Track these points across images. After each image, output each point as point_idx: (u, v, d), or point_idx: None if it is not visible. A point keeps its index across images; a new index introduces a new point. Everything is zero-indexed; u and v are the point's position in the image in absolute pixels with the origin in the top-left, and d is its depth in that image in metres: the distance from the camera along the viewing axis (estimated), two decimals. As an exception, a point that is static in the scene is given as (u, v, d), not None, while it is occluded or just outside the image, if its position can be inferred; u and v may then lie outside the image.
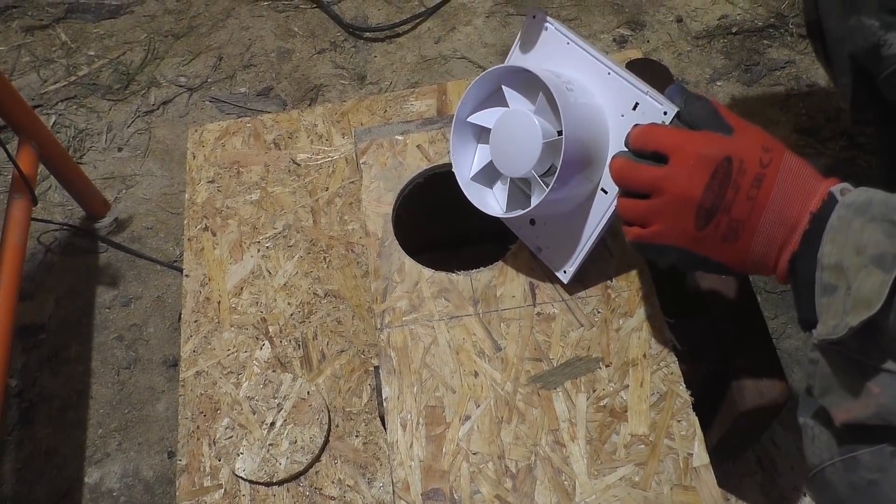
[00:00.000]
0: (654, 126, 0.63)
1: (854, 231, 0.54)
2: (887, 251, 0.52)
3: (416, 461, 0.71)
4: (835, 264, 0.55)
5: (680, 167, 0.60)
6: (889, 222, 0.52)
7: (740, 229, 0.59)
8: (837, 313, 0.54)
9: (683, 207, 0.61)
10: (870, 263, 0.53)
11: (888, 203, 0.54)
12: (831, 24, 0.79)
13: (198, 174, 1.01)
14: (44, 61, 1.59)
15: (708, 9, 1.55)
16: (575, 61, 0.73)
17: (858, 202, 0.55)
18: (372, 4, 1.64)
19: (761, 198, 0.59)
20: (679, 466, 0.69)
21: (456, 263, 0.86)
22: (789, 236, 0.58)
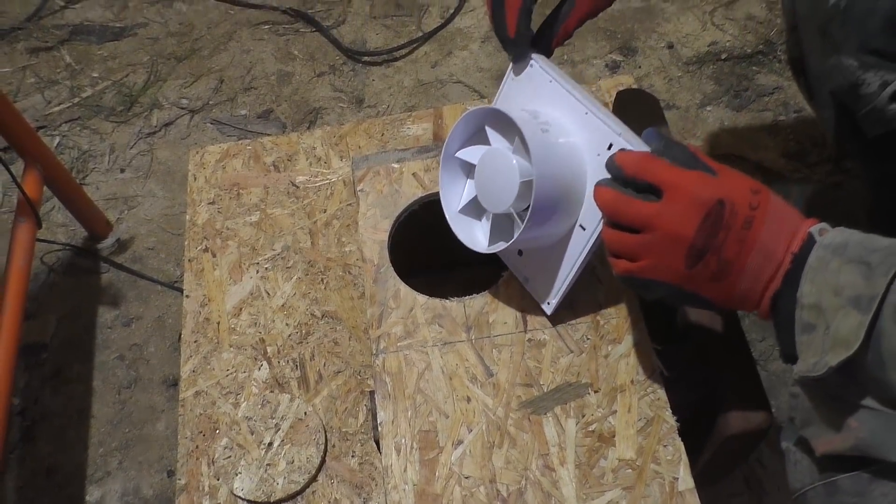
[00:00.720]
0: (651, 157, 0.63)
1: (832, 272, 0.55)
2: (863, 293, 0.53)
3: (409, 485, 0.72)
4: (814, 304, 0.56)
5: (675, 205, 0.61)
6: (865, 264, 0.54)
7: (729, 269, 0.60)
8: (817, 351, 0.55)
9: (675, 246, 0.61)
10: (847, 304, 0.54)
11: (864, 244, 0.55)
12: (813, 62, 0.81)
13: (198, 195, 1.02)
14: (48, 83, 1.60)
15: (698, 35, 1.56)
16: (557, 99, 0.75)
17: (836, 243, 0.57)
18: (370, 29, 1.65)
19: (750, 239, 0.60)
20: (665, 490, 0.70)
21: (450, 286, 0.86)
22: (773, 275, 0.59)
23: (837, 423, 0.57)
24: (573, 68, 1.51)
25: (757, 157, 1.36)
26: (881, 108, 0.76)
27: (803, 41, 0.81)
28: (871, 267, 0.54)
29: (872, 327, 0.52)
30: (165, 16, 1.72)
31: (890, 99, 0.74)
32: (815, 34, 0.79)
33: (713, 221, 0.59)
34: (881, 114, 0.76)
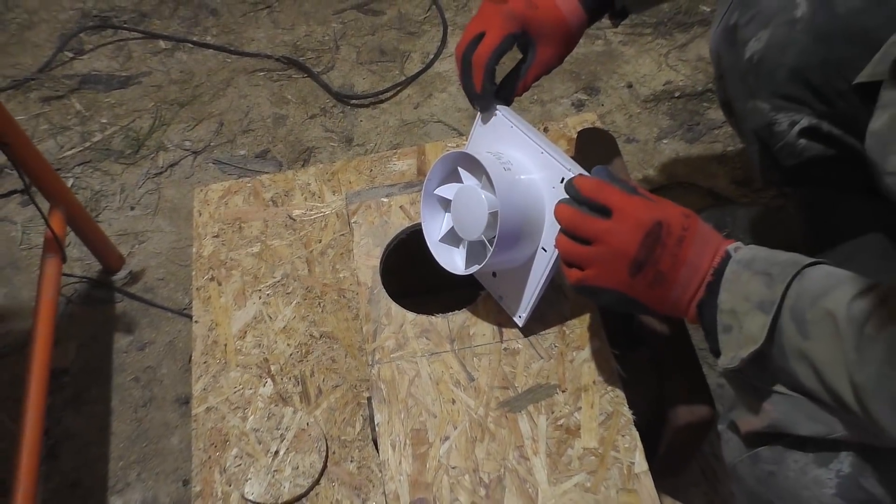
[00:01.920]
0: (604, 183, 0.70)
1: (743, 282, 0.63)
2: (766, 298, 0.61)
3: (404, 475, 0.78)
4: (730, 309, 0.64)
5: (622, 224, 0.68)
6: (767, 275, 0.62)
7: (664, 279, 0.67)
8: (734, 347, 0.63)
9: (620, 257, 0.67)
10: (755, 308, 0.62)
11: (768, 259, 0.63)
12: (737, 105, 0.89)
13: (204, 230, 1.05)
14: (60, 129, 1.62)
15: (654, 76, 1.61)
16: (517, 142, 0.82)
17: (746, 259, 0.65)
18: (357, 74, 1.69)
19: (682, 255, 0.67)
20: (623, 473, 0.77)
21: (435, 306, 0.90)
22: (699, 285, 0.67)
23: (756, 407, 0.65)
24: (542, 107, 1.55)
25: (708, 184, 1.40)
26: (792, 143, 0.85)
27: (728, 88, 0.89)
28: (772, 277, 0.61)
29: (774, 325, 0.60)
30: (167, 65, 1.74)
31: (798, 135, 0.83)
32: (737, 82, 0.87)
33: (653, 239, 0.67)
34: (792, 147, 0.85)
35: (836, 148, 0.85)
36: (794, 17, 0.80)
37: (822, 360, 0.59)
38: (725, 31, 0.86)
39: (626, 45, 1.68)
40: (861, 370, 0.56)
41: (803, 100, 0.83)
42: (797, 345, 0.60)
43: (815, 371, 0.59)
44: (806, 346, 0.59)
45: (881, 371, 0.55)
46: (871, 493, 0.62)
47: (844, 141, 0.83)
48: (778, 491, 0.67)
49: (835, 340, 0.58)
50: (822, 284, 0.60)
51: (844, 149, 0.84)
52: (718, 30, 0.87)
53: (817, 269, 0.62)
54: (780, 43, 0.81)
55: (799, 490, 0.65)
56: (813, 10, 0.79)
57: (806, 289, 0.60)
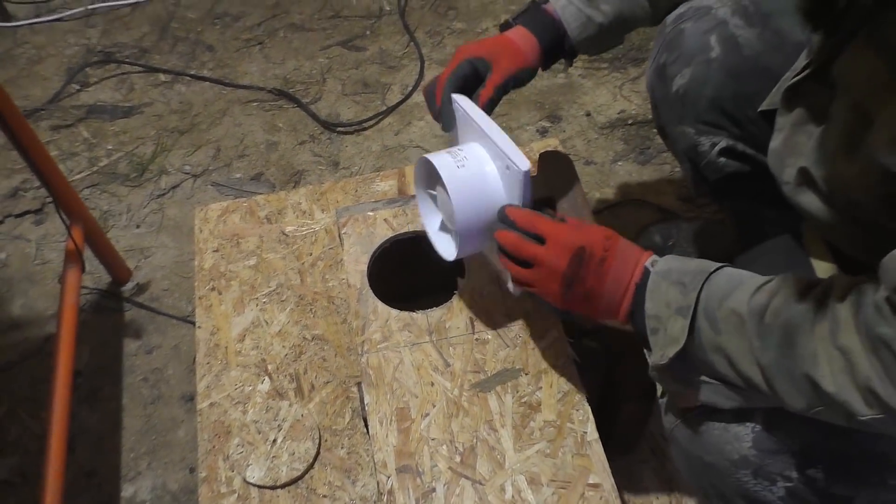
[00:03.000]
0: (533, 214, 0.76)
1: (662, 292, 0.70)
2: (683, 304, 0.68)
3: (390, 447, 0.84)
4: (654, 315, 0.70)
5: (553, 249, 0.73)
6: (682, 284, 0.69)
7: (592, 294, 0.73)
8: (661, 347, 0.70)
9: (554, 277, 0.74)
10: (675, 313, 0.68)
11: (681, 269, 0.70)
12: (669, 129, 0.98)
13: (204, 245, 1.09)
14: (69, 155, 1.67)
15: (610, 105, 1.68)
16: (474, 133, 0.83)
17: (663, 270, 0.71)
18: (343, 104, 1.75)
19: (604, 272, 0.72)
20: (577, 441, 0.84)
21: (415, 307, 0.94)
22: (624, 296, 0.73)
23: (684, 394, 0.73)
24: (510, 133, 1.55)
25: (658, 201, 1.48)
26: (714, 161, 0.95)
27: (661, 116, 0.98)
28: (685, 286, 0.68)
29: (692, 327, 0.67)
30: (167, 96, 1.79)
31: (718, 154, 0.93)
32: (668, 111, 0.96)
33: (578, 261, 0.72)
34: (715, 164, 0.95)
35: (750, 164, 0.95)
36: (710, 57, 0.90)
37: (733, 350, 0.65)
38: (657, 69, 0.96)
39: (584, 77, 1.75)
40: (764, 354, 0.63)
41: (721, 125, 0.93)
42: (712, 340, 0.66)
43: (729, 361, 0.66)
44: (719, 341, 0.66)
45: (779, 353, 0.62)
46: (781, 443, 0.70)
47: (757, 158, 0.93)
48: (706, 447, 0.75)
49: (741, 333, 0.64)
50: (726, 286, 0.67)
51: (757, 165, 0.94)
52: (651, 68, 0.97)
53: (721, 273, 0.69)
54: (699, 78, 0.91)
55: (722, 445, 0.73)
56: (725, 52, 0.90)
57: (713, 292, 0.67)
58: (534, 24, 0.87)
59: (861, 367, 0.58)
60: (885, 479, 0.68)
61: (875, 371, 0.57)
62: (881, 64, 0.57)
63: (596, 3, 0.88)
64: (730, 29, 0.90)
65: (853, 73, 0.62)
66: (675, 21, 0.92)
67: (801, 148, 0.72)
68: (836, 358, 0.59)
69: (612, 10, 0.88)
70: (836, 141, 0.66)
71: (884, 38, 0.57)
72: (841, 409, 0.60)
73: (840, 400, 0.59)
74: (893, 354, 0.56)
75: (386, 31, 1.93)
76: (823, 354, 0.60)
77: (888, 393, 0.57)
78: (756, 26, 0.89)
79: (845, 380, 0.59)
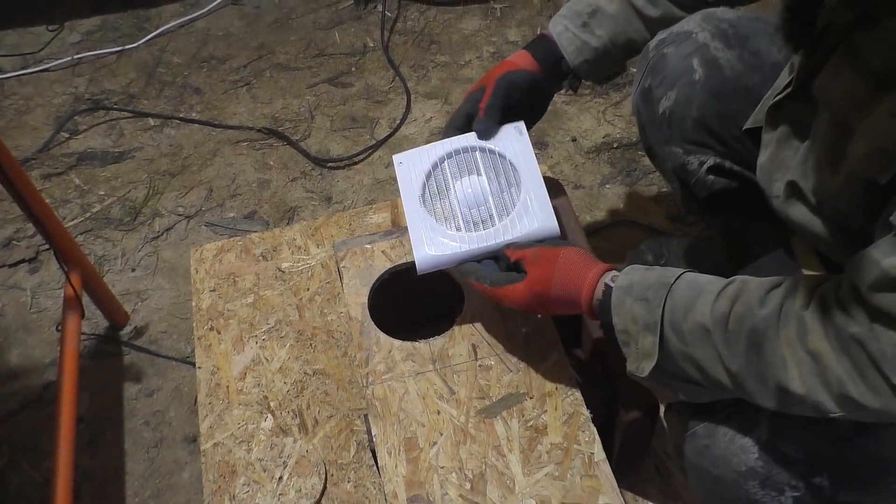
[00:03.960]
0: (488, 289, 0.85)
1: (627, 308, 0.73)
2: (650, 321, 0.71)
3: (400, 477, 0.84)
4: (623, 329, 0.73)
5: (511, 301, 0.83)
6: (645, 300, 0.72)
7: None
8: (636, 360, 0.73)
9: None
10: (643, 329, 0.71)
11: (642, 284, 0.73)
12: (657, 150, 1.00)
13: (201, 285, 1.09)
14: (62, 202, 1.68)
15: (595, 130, 1.70)
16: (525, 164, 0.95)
17: (625, 286, 0.73)
18: (332, 140, 1.77)
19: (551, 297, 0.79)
20: (585, 462, 0.84)
21: (417, 337, 0.95)
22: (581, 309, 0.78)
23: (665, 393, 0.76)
24: None
25: (647, 221, 1.50)
26: (702, 179, 0.97)
27: (649, 137, 1.01)
28: (649, 302, 0.71)
29: (661, 340, 0.70)
30: (157, 140, 1.80)
31: (706, 172, 0.96)
32: (655, 132, 0.99)
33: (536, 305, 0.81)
34: (703, 182, 0.97)
35: (737, 181, 0.97)
36: (693, 79, 0.93)
37: (702, 359, 0.68)
38: (642, 92, 0.98)
39: (568, 104, 1.78)
40: (732, 362, 0.66)
41: (707, 144, 0.95)
42: (681, 350, 0.69)
43: (699, 368, 0.69)
44: (688, 351, 0.69)
45: (747, 359, 0.65)
46: (786, 453, 0.71)
47: (743, 175, 0.96)
48: (713, 460, 0.76)
49: (708, 343, 0.67)
50: (688, 296, 0.70)
51: (744, 181, 0.96)
52: (636, 92, 1.00)
53: (681, 282, 0.71)
54: (684, 100, 0.94)
55: (729, 457, 0.74)
56: (707, 74, 0.92)
57: (677, 303, 0.70)
58: (530, 45, 0.96)
59: (832, 369, 0.60)
60: (889, 484, 0.70)
61: (847, 372, 0.59)
62: (859, 80, 0.60)
63: (591, 29, 0.92)
64: (711, 51, 0.92)
65: (832, 90, 0.65)
66: (657, 46, 0.95)
67: (787, 162, 0.74)
68: (805, 362, 0.61)
69: (606, 35, 0.93)
70: (820, 154, 0.68)
71: (860, 56, 0.60)
72: (811, 409, 0.63)
73: (811, 401, 0.62)
74: (867, 353, 0.58)
75: (371, 67, 1.96)
76: (792, 359, 0.62)
77: (860, 392, 0.59)
78: (735, 48, 0.92)
79: (816, 382, 0.61)
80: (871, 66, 0.59)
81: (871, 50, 0.59)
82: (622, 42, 0.95)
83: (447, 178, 0.94)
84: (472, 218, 0.90)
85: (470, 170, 0.93)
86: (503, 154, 0.93)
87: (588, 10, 0.95)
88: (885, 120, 0.58)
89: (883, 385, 0.58)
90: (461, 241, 0.89)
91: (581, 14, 0.95)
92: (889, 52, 0.56)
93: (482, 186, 0.91)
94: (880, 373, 0.58)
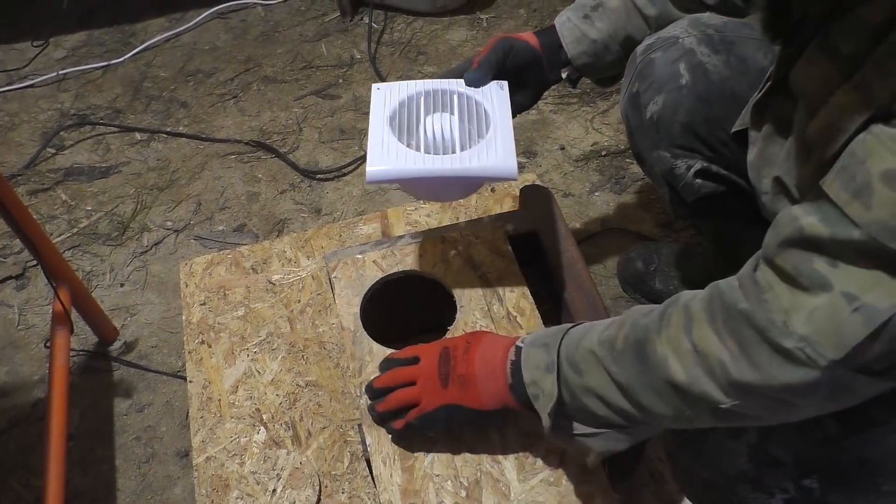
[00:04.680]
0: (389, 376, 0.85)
1: (532, 357, 0.75)
2: (549, 361, 0.73)
3: (395, 486, 0.84)
4: (531, 381, 0.75)
5: (424, 360, 0.83)
6: (545, 345, 0.75)
7: (467, 379, 0.80)
8: (543, 408, 0.74)
9: (431, 378, 0.81)
10: (545, 372, 0.74)
11: (544, 334, 0.77)
12: (646, 155, 1.01)
13: (191, 299, 1.08)
14: (49, 218, 1.67)
15: (583, 138, 1.72)
16: None
17: (529, 340, 0.78)
18: (320, 152, 1.77)
19: (471, 357, 0.80)
20: (580, 468, 0.84)
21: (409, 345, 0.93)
22: (502, 374, 0.78)
23: (584, 452, 0.77)
24: None
25: (637, 228, 1.51)
26: (690, 183, 0.98)
27: (637, 142, 1.02)
28: (548, 346, 0.74)
29: (559, 378, 0.72)
30: (144, 154, 1.80)
31: (694, 175, 0.97)
32: (643, 137, 1.00)
33: (445, 357, 0.81)
34: (691, 186, 0.98)
35: (725, 185, 0.98)
36: (680, 84, 0.94)
37: (598, 386, 0.70)
38: (630, 98, 0.99)
39: (556, 113, 1.79)
40: (622, 375, 0.68)
41: (695, 148, 0.97)
42: (578, 383, 0.71)
43: (599, 397, 0.70)
44: (584, 382, 0.71)
45: (635, 369, 0.67)
46: (776, 456, 0.72)
47: (731, 178, 0.97)
48: (704, 464, 0.77)
49: (599, 367, 0.69)
50: (580, 333, 0.73)
51: (732, 185, 0.98)
52: (624, 97, 1.01)
53: (577, 327, 0.75)
54: (672, 105, 0.95)
55: (719, 461, 0.75)
56: (694, 79, 0.94)
57: (571, 340, 0.73)
58: (538, 31, 0.99)
59: (714, 354, 0.61)
60: (878, 485, 0.70)
61: (729, 352, 0.60)
62: (832, 68, 0.61)
63: (591, 21, 0.95)
64: (697, 57, 0.94)
65: (808, 80, 0.65)
66: (644, 51, 0.97)
67: (774, 158, 0.75)
68: (686, 353, 0.63)
69: (606, 28, 0.96)
70: (797, 146, 0.69)
71: (832, 44, 0.61)
72: (703, 404, 0.63)
73: (697, 392, 0.63)
74: (752, 327, 0.59)
75: (359, 79, 1.96)
76: (673, 354, 0.64)
77: (740, 369, 0.60)
78: (721, 53, 0.93)
79: (698, 371, 0.62)
80: (844, 54, 0.59)
81: (844, 37, 0.59)
82: (621, 38, 0.97)
83: (419, 110, 0.93)
84: (435, 145, 0.89)
85: (444, 108, 0.93)
86: (479, 101, 0.93)
87: (592, 3, 0.98)
88: (839, 97, 0.59)
89: (766, 356, 0.59)
90: (417, 160, 0.87)
91: (585, 6, 0.98)
92: (860, 38, 0.57)
93: (451, 123, 0.91)
94: (767, 342, 0.58)
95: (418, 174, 0.86)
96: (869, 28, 0.56)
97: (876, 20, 0.56)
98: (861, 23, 0.57)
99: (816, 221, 0.57)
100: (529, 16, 2.10)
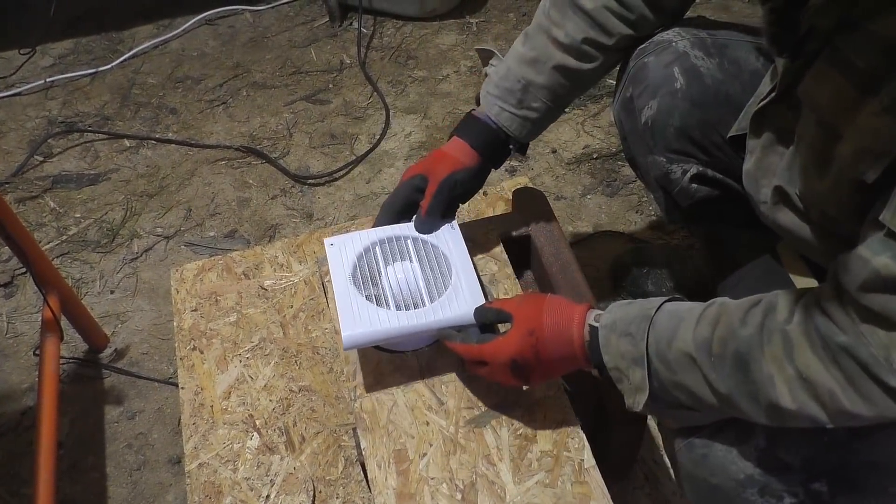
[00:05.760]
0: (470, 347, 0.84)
1: (614, 345, 0.74)
2: (637, 355, 0.72)
3: (390, 489, 0.83)
4: (614, 367, 0.75)
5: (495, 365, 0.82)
6: (630, 335, 0.73)
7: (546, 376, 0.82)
8: (630, 395, 0.74)
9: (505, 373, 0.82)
10: (632, 364, 0.73)
11: (625, 319, 0.74)
12: (640, 160, 1.02)
13: (182, 305, 1.08)
14: (37, 225, 1.66)
15: (574, 142, 1.73)
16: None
17: (609, 324, 0.75)
18: (312, 157, 1.77)
19: (543, 361, 0.79)
20: (575, 469, 0.84)
21: None
22: (579, 362, 0.78)
23: (666, 423, 0.77)
24: None
25: (629, 231, 1.52)
26: (685, 187, 0.98)
27: (631, 147, 1.02)
28: (633, 336, 0.73)
29: (650, 373, 0.72)
30: (133, 161, 1.80)
31: (689, 180, 0.97)
32: (637, 142, 1.00)
33: (519, 369, 0.80)
34: (686, 190, 0.99)
35: (720, 189, 0.99)
36: (674, 88, 0.94)
37: (692, 385, 0.70)
38: (623, 102, 1.00)
39: None
40: (721, 384, 0.68)
41: (690, 152, 0.97)
42: (671, 379, 0.71)
43: (691, 395, 0.70)
44: (677, 379, 0.71)
45: (736, 381, 0.67)
46: (784, 460, 0.72)
47: (725, 183, 0.98)
48: (711, 469, 0.77)
49: (694, 369, 0.69)
50: (670, 326, 0.71)
51: (726, 189, 0.98)
52: (618, 102, 1.01)
53: (662, 312, 0.73)
54: (666, 109, 0.95)
55: (727, 465, 0.75)
56: (688, 82, 0.94)
57: (660, 334, 0.71)
58: (466, 132, 0.96)
59: (822, 383, 0.61)
60: (886, 487, 0.70)
61: (838, 384, 0.60)
62: (845, 83, 0.61)
63: (527, 104, 0.95)
64: (691, 60, 0.94)
65: (819, 94, 0.66)
66: (637, 55, 0.97)
67: (773, 168, 0.75)
68: (793, 378, 0.63)
69: (542, 105, 0.96)
70: (807, 158, 0.70)
71: (845, 58, 0.61)
72: (808, 421, 0.64)
73: (805, 416, 0.63)
74: (856, 361, 0.59)
75: (349, 84, 1.97)
76: (779, 376, 0.63)
77: (853, 402, 0.60)
78: (715, 57, 0.94)
79: (806, 398, 0.62)
80: (857, 69, 0.60)
81: (856, 52, 0.60)
82: (563, 103, 0.99)
83: (378, 262, 0.95)
84: (404, 299, 0.92)
85: (402, 256, 0.96)
86: (436, 245, 0.96)
87: (518, 86, 0.95)
88: (871, 119, 0.59)
89: (876, 391, 0.58)
90: (391, 319, 0.89)
91: (513, 92, 0.95)
92: (874, 54, 0.58)
93: (413, 271, 0.94)
94: (873, 379, 0.58)
95: (395, 333, 0.89)
96: (885, 42, 0.57)
97: (893, 34, 0.56)
98: (876, 37, 0.58)
99: (889, 261, 0.57)
100: (519, 20, 2.11)
